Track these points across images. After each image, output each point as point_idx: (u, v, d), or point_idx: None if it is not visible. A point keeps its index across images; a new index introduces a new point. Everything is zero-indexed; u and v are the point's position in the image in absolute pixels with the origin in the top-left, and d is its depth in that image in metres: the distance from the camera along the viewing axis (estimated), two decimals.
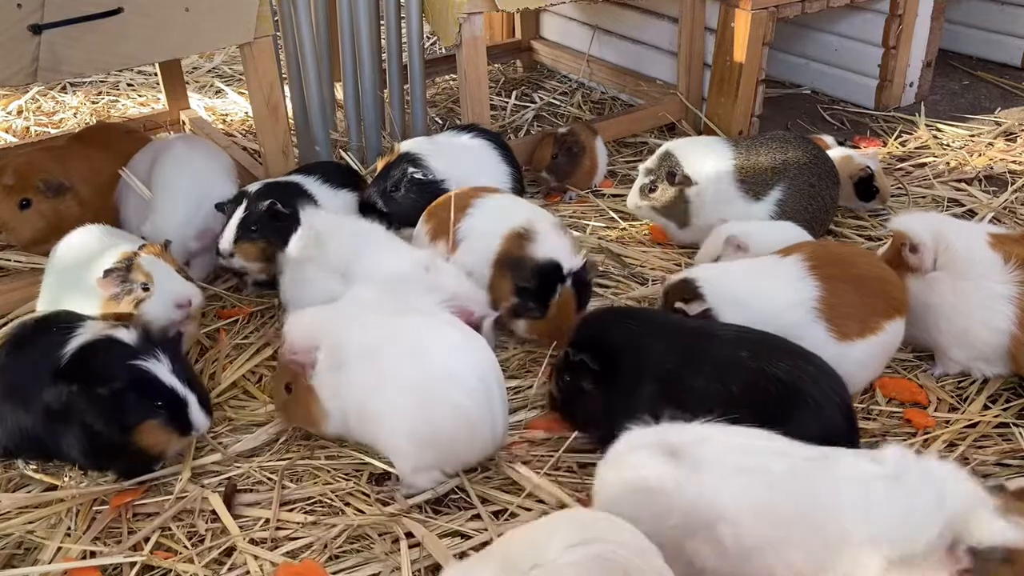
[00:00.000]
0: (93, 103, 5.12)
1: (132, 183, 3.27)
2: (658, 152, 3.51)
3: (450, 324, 2.48)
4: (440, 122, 4.71)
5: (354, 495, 2.39)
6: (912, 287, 2.74)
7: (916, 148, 4.37)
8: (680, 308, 2.55)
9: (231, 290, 3.34)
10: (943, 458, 1.88)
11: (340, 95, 4.31)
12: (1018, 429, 2.57)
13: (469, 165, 3.51)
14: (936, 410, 2.67)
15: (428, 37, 5.74)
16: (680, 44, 4.44)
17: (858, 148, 4.20)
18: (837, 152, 3.80)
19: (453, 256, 3.01)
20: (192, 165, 3.31)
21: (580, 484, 2.40)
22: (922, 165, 4.19)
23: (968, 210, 3.78)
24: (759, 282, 2.64)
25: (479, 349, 2.43)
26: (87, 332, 2.45)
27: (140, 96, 5.23)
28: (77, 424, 2.37)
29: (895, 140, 4.43)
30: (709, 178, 3.38)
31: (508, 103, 4.93)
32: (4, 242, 3.51)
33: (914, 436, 2.55)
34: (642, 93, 4.79)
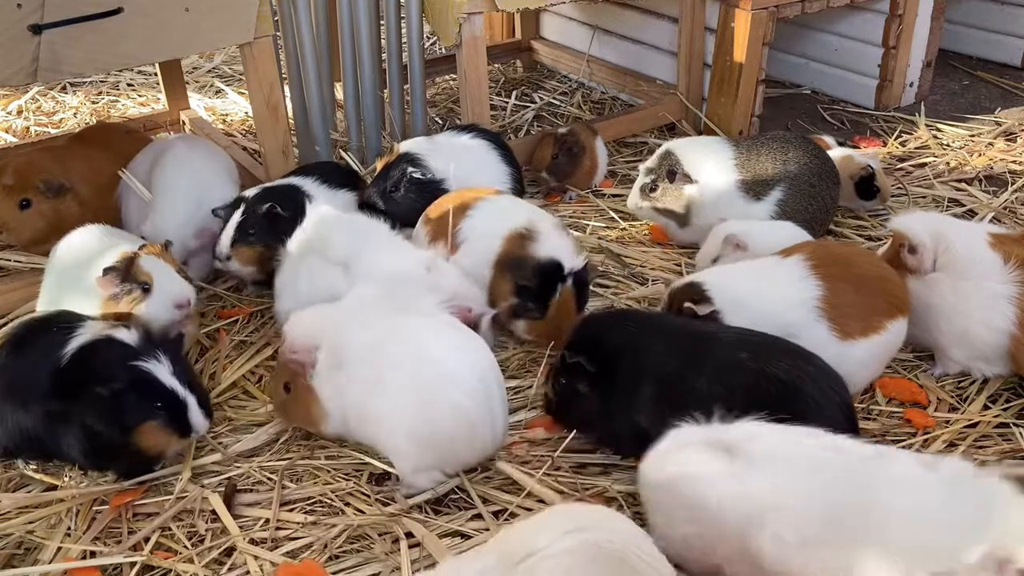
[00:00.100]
0: (93, 103, 5.12)
1: (132, 184, 3.27)
2: (659, 151, 3.52)
3: (450, 325, 2.48)
4: (440, 122, 4.71)
5: (354, 495, 2.39)
6: (912, 287, 2.74)
7: (916, 148, 4.37)
8: (689, 308, 2.55)
9: (231, 290, 3.34)
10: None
11: (340, 95, 4.31)
12: (1018, 429, 2.57)
13: (469, 165, 3.50)
14: (936, 410, 2.67)
15: (428, 37, 5.74)
16: (680, 44, 4.44)
17: (858, 148, 4.20)
18: (837, 152, 3.80)
19: (453, 257, 3.01)
20: (192, 165, 3.31)
21: (579, 484, 2.40)
22: (922, 165, 4.18)
23: (968, 210, 3.77)
24: (761, 283, 2.64)
25: (479, 349, 2.43)
26: (87, 332, 2.45)
27: (140, 96, 5.22)
28: (77, 424, 2.37)
29: (895, 140, 4.43)
30: (709, 177, 3.38)
31: (508, 103, 4.93)
32: (4, 242, 3.51)
33: (914, 436, 2.55)
34: (642, 93, 4.79)
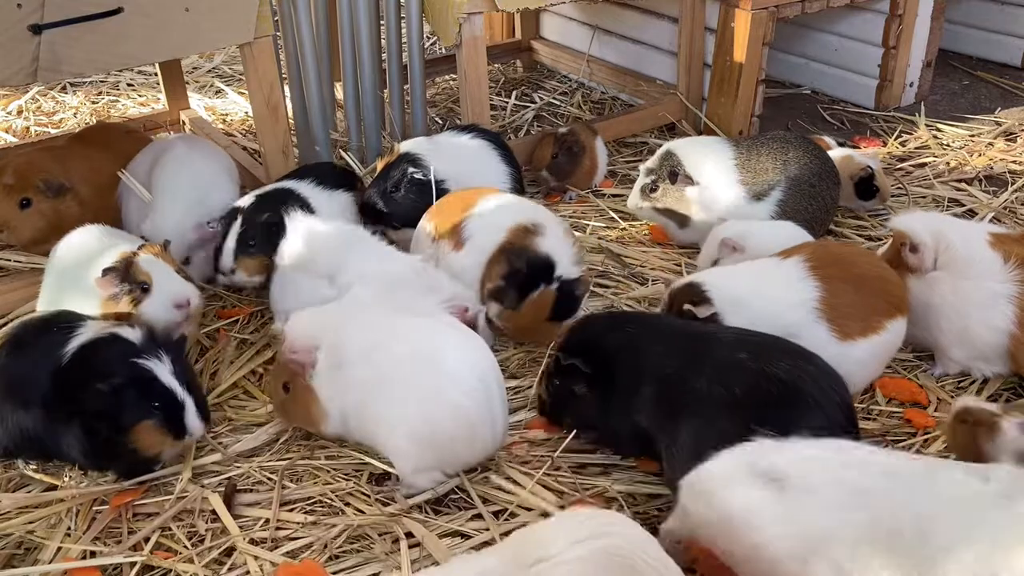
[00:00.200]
0: (93, 103, 5.12)
1: (132, 185, 3.27)
2: (659, 152, 3.52)
3: (450, 325, 2.49)
4: (440, 122, 4.71)
5: (354, 495, 2.39)
6: (912, 287, 2.74)
7: (916, 148, 4.36)
8: (689, 310, 2.55)
9: (231, 290, 3.34)
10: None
11: (340, 95, 4.31)
12: None
13: (469, 165, 3.50)
14: (936, 410, 2.67)
15: (428, 37, 5.74)
16: (680, 44, 4.44)
17: (858, 148, 4.20)
18: (837, 152, 3.80)
19: (458, 254, 3.00)
20: (192, 166, 3.31)
21: (579, 484, 2.40)
22: (922, 165, 4.18)
23: (968, 210, 3.77)
24: (761, 284, 2.64)
25: (479, 349, 2.43)
26: (88, 332, 2.45)
27: (140, 96, 5.22)
28: (77, 424, 2.37)
29: (895, 140, 4.43)
30: (709, 178, 3.37)
31: (508, 103, 4.92)
32: (4, 242, 3.50)
33: (914, 436, 2.55)
34: (642, 93, 4.79)
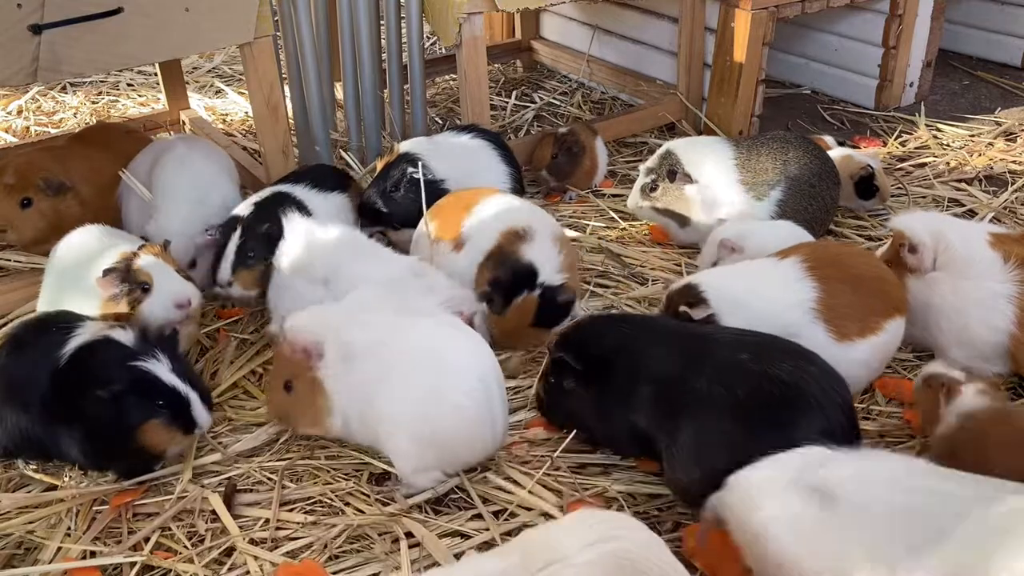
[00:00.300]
0: (93, 103, 5.12)
1: (133, 185, 3.27)
2: (659, 151, 3.52)
3: (451, 324, 2.49)
4: (440, 122, 4.71)
5: (354, 495, 2.39)
6: (912, 287, 2.75)
7: (916, 148, 4.36)
8: (685, 312, 2.56)
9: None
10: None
11: (340, 95, 4.31)
12: None
13: (469, 165, 3.50)
14: None
15: (428, 37, 5.74)
16: (680, 44, 4.44)
17: (858, 148, 4.20)
18: (837, 152, 3.80)
19: (458, 255, 3.00)
20: (193, 166, 3.31)
21: (579, 484, 2.40)
22: (922, 165, 4.18)
23: (968, 210, 3.77)
24: (759, 285, 2.64)
25: (479, 349, 2.44)
26: (86, 333, 2.45)
27: (140, 96, 5.22)
28: (78, 424, 2.37)
29: (895, 140, 4.43)
30: (709, 178, 3.38)
31: (508, 103, 4.92)
32: (4, 242, 3.51)
33: (913, 438, 2.55)
34: (642, 93, 4.79)
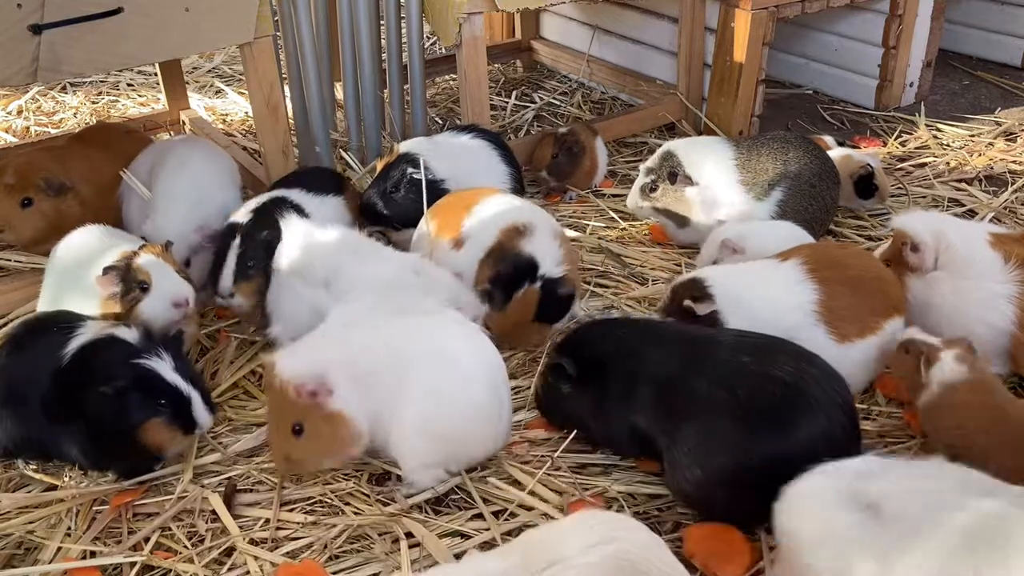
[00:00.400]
0: (93, 103, 5.12)
1: (133, 184, 3.27)
2: (659, 151, 3.52)
3: (458, 322, 2.50)
4: (440, 122, 4.71)
5: (354, 495, 2.39)
6: (912, 287, 2.75)
7: (916, 148, 4.36)
8: (689, 307, 2.56)
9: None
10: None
11: (340, 95, 4.31)
12: None
13: (469, 165, 3.50)
14: None
15: (428, 37, 5.74)
16: (680, 44, 4.44)
17: (858, 148, 4.20)
18: (837, 152, 3.80)
19: (458, 253, 3.00)
20: (193, 167, 3.31)
21: (579, 484, 2.40)
22: (922, 165, 4.18)
23: (968, 210, 3.77)
24: (761, 286, 2.65)
25: (487, 347, 2.45)
26: (88, 332, 2.45)
27: (140, 96, 5.22)
28: (78, 424, 2.37)
29: (895, 140, 4.43)
30: (709, 178, 3.38)
31: (508, 103, 4.92)
32: (4, 242, 3.51)
33: (913, 438, 2.55)
34: (642, 93, 4.79)
